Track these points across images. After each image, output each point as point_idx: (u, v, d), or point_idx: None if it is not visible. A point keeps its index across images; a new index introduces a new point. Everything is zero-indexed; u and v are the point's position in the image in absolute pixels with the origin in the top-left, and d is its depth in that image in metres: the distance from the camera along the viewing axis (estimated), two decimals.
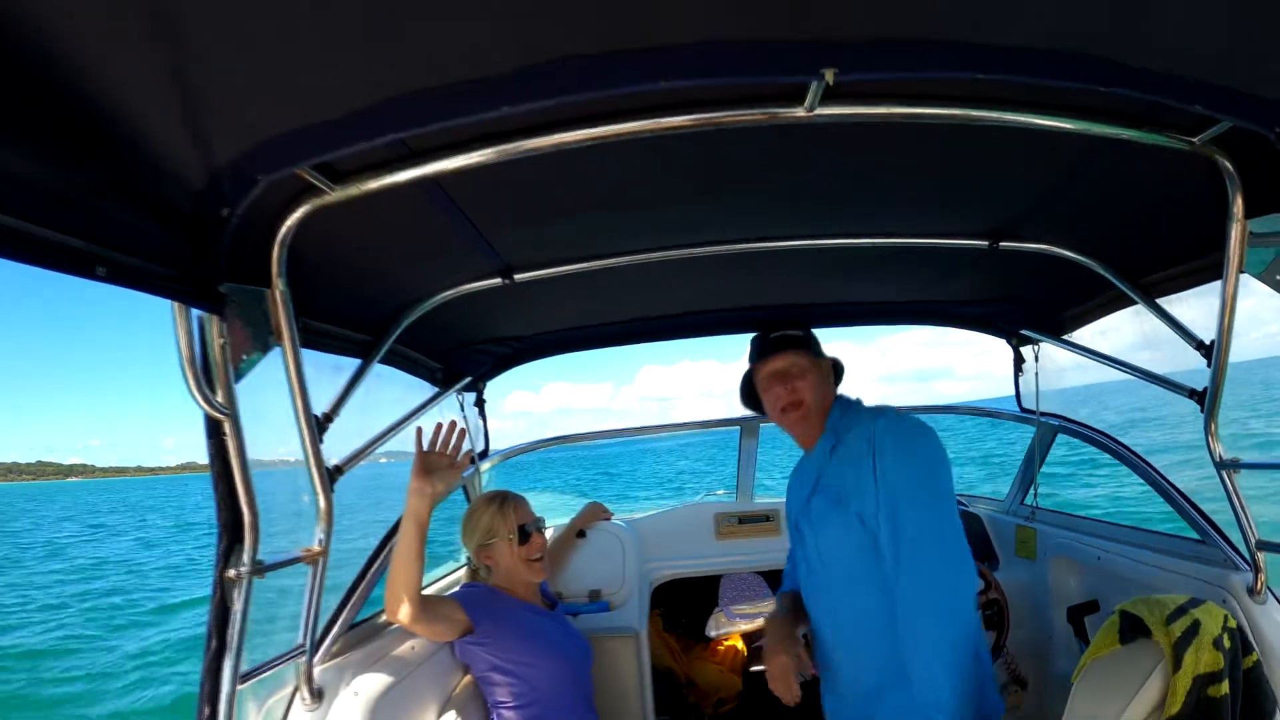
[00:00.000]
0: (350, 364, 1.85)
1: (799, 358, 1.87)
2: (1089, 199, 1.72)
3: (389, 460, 2.09)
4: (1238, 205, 1.42)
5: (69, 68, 0.84)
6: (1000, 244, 1.97)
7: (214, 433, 1.32)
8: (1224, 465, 1.77)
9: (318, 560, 1.58)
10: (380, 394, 2.00)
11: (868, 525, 1.68)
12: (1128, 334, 2.30)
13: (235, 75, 0.93)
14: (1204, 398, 1.75)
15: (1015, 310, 2.69)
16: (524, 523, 2.16)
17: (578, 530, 2.93)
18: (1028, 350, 2.85)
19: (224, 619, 1.33)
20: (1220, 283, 1.54)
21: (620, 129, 1.17)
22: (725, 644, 3.35)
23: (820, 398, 1.88)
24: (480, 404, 2.94)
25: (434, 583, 2.60)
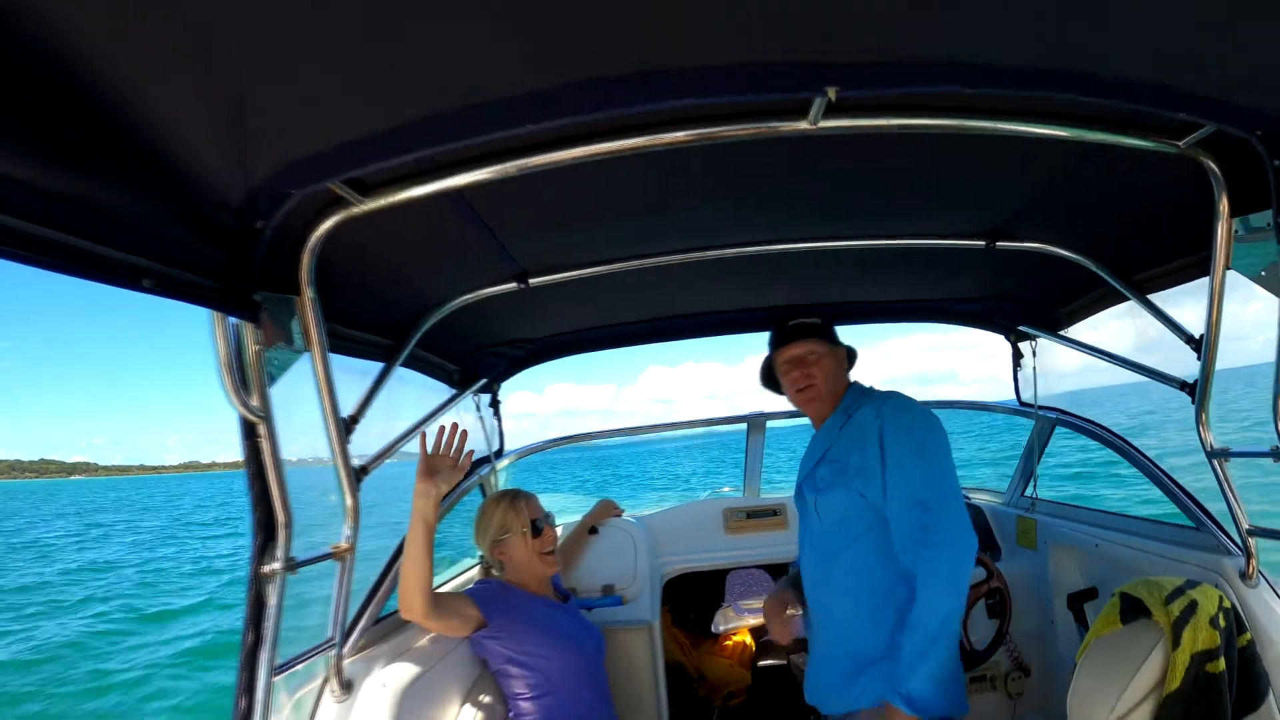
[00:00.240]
0: (370, 367, 1.91)
1: (815, 344, 1.97)
2: (1082, 199, 1.77)
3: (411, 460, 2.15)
4: (1223, 204, 1.47)
5: (124, 102, 0.90)
6: (997, 244, 2.03)
7: (249, 435, 1.37)
8: (1214, 454, 1.83)
9: (345, 556, 1.63)
10: (401, 396, 2.05)
11: (868, 496, 1.81)
12: (1123, 330, 2.37)
13: (272, 100, 0.99)
14: (1194, 390, 1.81)
15: (1013, 307, 2.75)
16: (536, 517, 2.22)
17: (590, 527, 2.99)
18: (1025, 346, 2.91)
19: (259, 613, 1.38)
20: (1208, 279, 1.59)
21: (634, 143, 1.23)
22: (734, 639, 3.39)
23: (834, 381, 1.99)
24: (495, 404, 3.01)
25: (449, 581, 2.65)
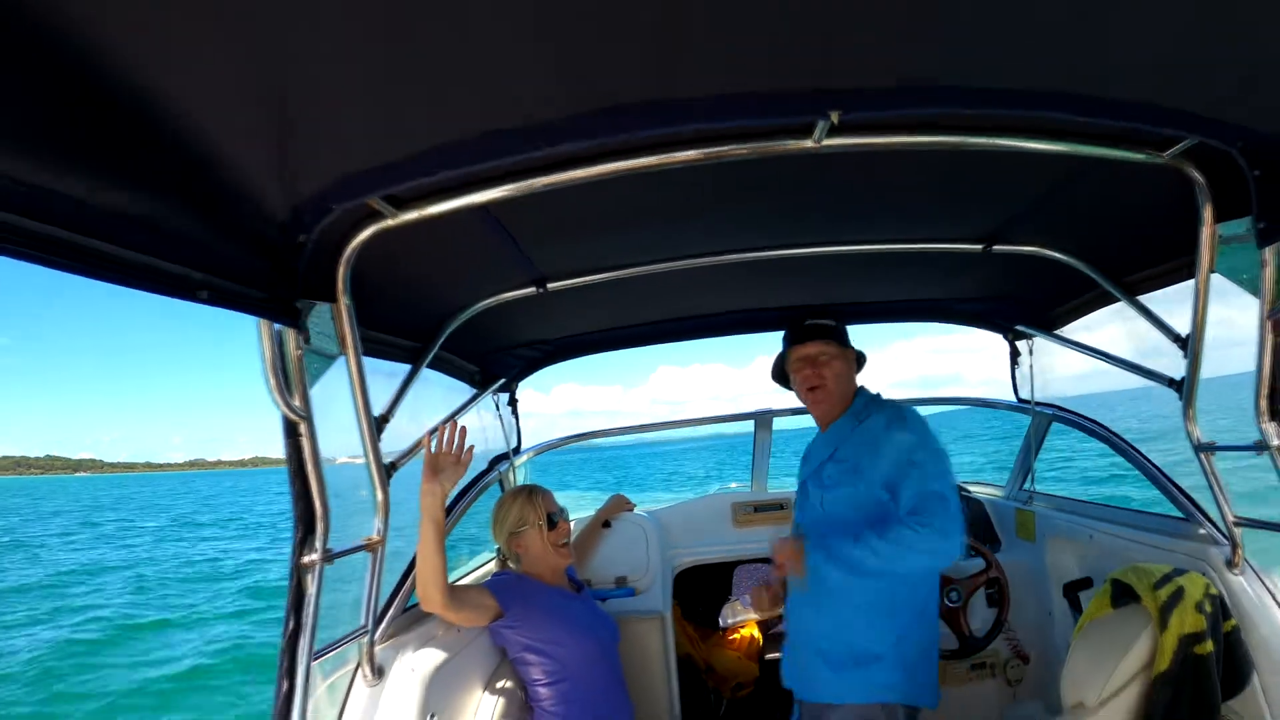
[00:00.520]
0: (396, 369, 2.01)
1: (827, 346, 2.08)
2: (1074, 206, 1.86)
3: None
4: (1208, 211, 1.55)
5: (186, 131, 1.00)
6: (994, 247, 2.12)
7: (291, 434, 1.47)
8: (1201, 448, 1.90)
9: (377, 549, 1.73)
10: (426, 396, 2.15)
11: (875, 493, 1.93)
12: (1118, 329, 2.44)
13: (319, 125, 1.08)
14: (1182, 387, 1.89)
15: (1010, 307, 2.84)
16: (551, 511, 2.31)
17: (603, 521, 3.08)
18: (1023, 345, 3.01)
19: (300, 601, 1.47)
20: (1194, 281, 1.67)
21: (649, 161, 1.32)
22: (741, 632, 3.48)
23: (843, 383, 2.09)
24: (513, 403, 3.11)
25: (468, 574, 2.75)
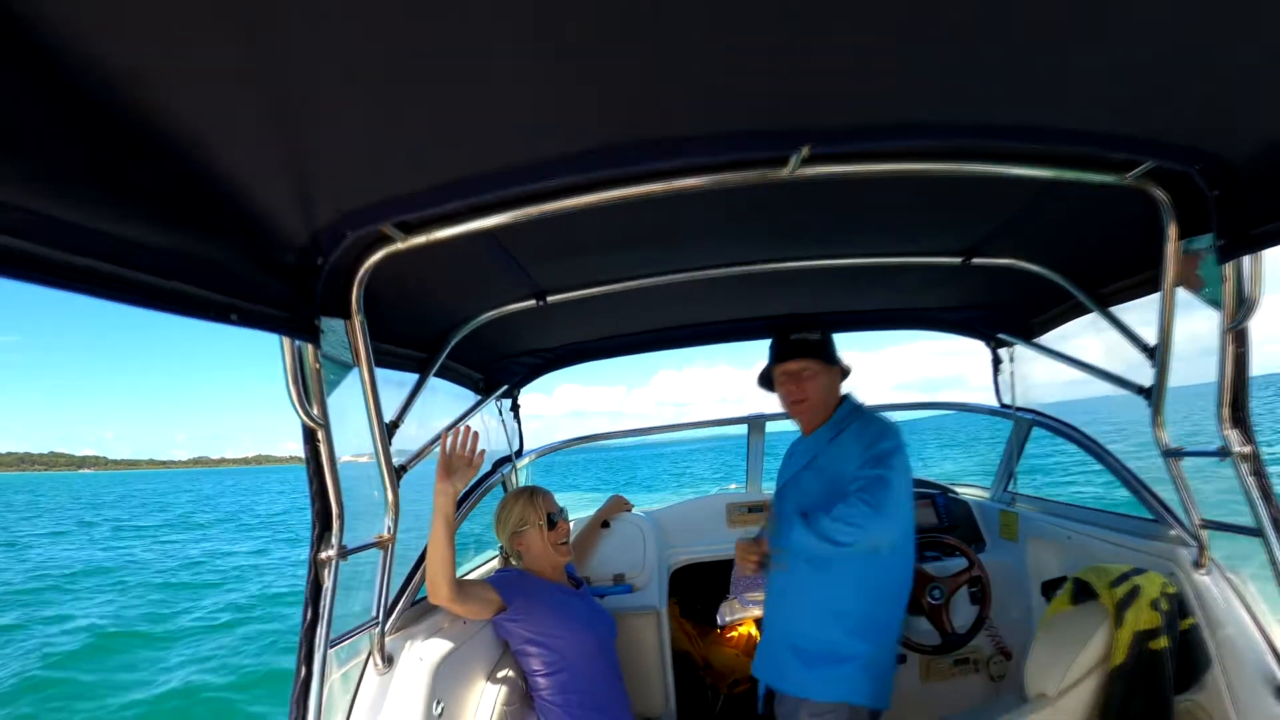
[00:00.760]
0: (406, 378, 2.14)
1: (810, 363, 2.15)
2: (1048, 222, 1.97)
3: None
4: (1172, 229, 1.66)
5: (217, 175, 1.12)
6: (973, 260, 2.23)
7: (310, 439, 1.60)
8: (1169, 453, 1.99)
9: (388, 545, 1.86)
10: (433, 403, 2.28)
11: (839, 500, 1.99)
12: (1098, 338, 2.54)
13: (338, 161, 1.21)
14: (1151, 394, 1.99)
15: (991, 316, 2.96)
16: (551, 511, 2.44)
17: (603, 521, 3.21)
18: (1004, 352, 3.12)
19: (317, 594, 1.60)
20: (1160, 294, 1.78)
21: (640, 190, 1.44)
22: (739, 630, 3.58)
23: (825, 396, 2.18)
24: (516, 408, 3.26)
25: (474, 570, 2.88)
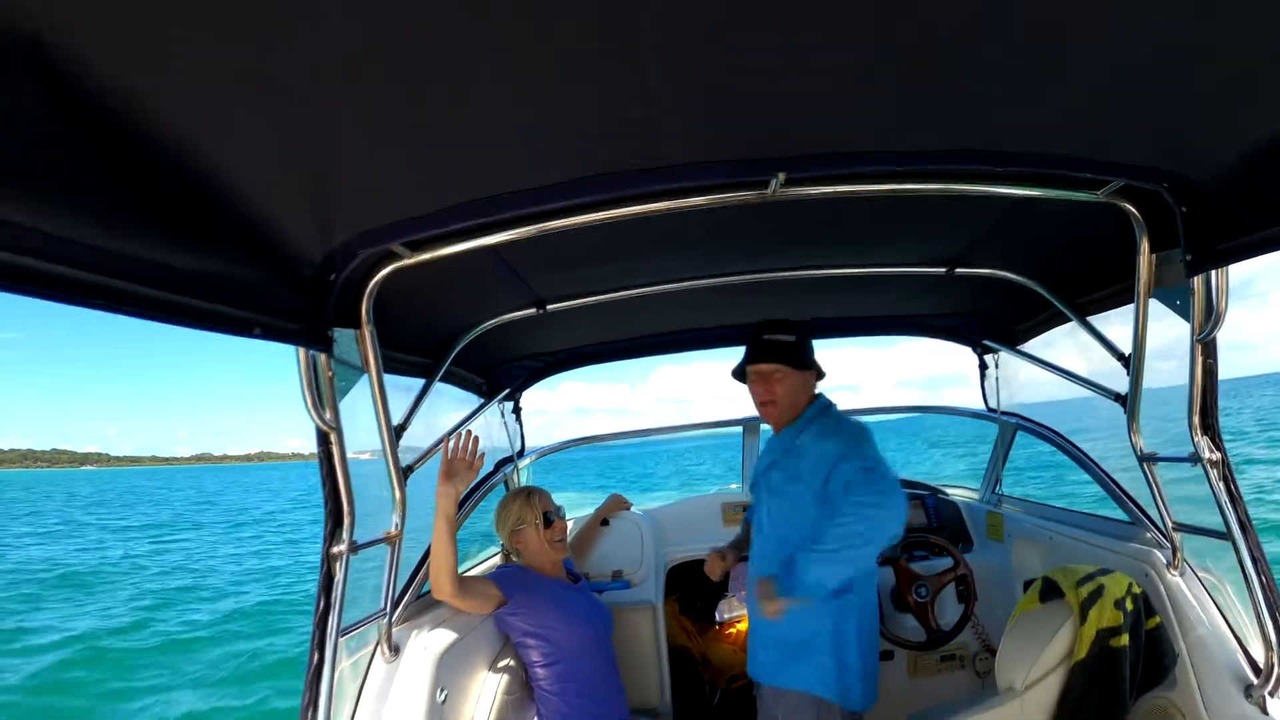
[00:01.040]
0: (413, 383, 2.25)
1: (780, 366, 2.18)
2: (1027, 233, 2.05)
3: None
4: (1144, 242, 1.73)
5: (240, 202, 1.22)
6: (956, 270, 2.33)
7: (323, 441, 1.70)
8: (1145, 458, 2.06)
9: (395, 541, 1.97)
10: (437, 406, 2.39)
11: (809, 506, 2.08)
12: (1078, 346, 2.61)
13: (352, 187, 1.31)
14: (1126, 401, 2.06)
15: (977, 323, 3.06)
16: (547, 510, 2.53)
17: (602, 519, 3.32)
18: (990, 358, 3.22)
19: (329, 585, 1.70)
20: (1134, 305, 1.84)
21: (633, 210, 1.55)
22: (736, 627, 3.67)
23: (794, 397, 2.21)
24: (517, 411, 3.38)
25: (476, 565, 3.00)
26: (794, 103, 1.17)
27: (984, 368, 3.26)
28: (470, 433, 2.22)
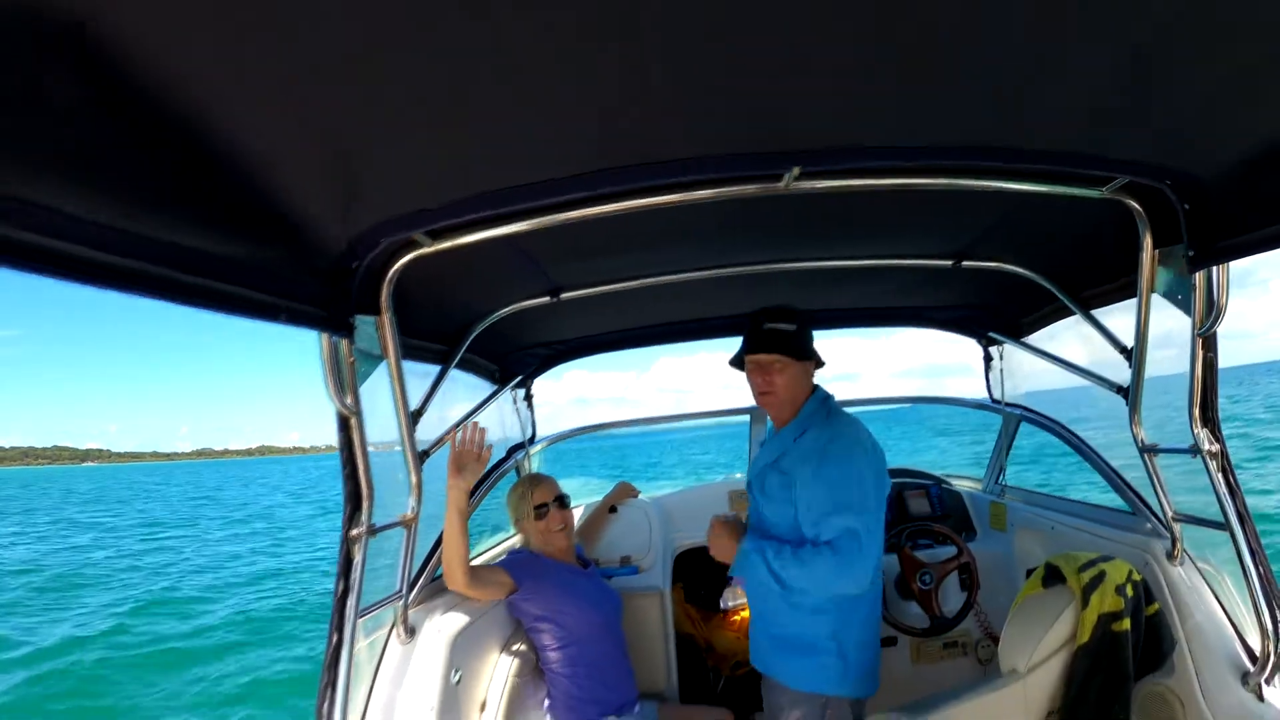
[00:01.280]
0: (426, 369, 2.28)
1: (780, 357, 2.09)
2: (1033, 228, 2.08)
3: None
4: (1147, 238, 1.76)
5: (269, 190, 1.25)
6: (963, 263, 2.36)
7: (344, 426, 1.74)
8: (1145, 449, 2.10)
9: (411, 524, 2.00)
10: (451, 392, 2.41)
11: (797, 513, 2.04)
12: (1077, 338, 2.64)
13: (375, 177, 1.34)
14: (1128, 393, 2.09)
15: (982, 315, 3.09)
16: (544, 501, 2.57)
17: (610, 506, 3.37)
18: (994, 350, 3.25)
19: (348, 567, 1.74)
20: (1137, 299, 1.87)
21: (650, 202, 1.57)
22: (740, 614, 3.72)
23: (794, 389, 2.14)
24: (529, 398, 3.43)
25: (491, 548, 3.06)
26: (804, 99, 1.20)
27: (988, 359, 3.30)
28: (476, 424, 2.24)
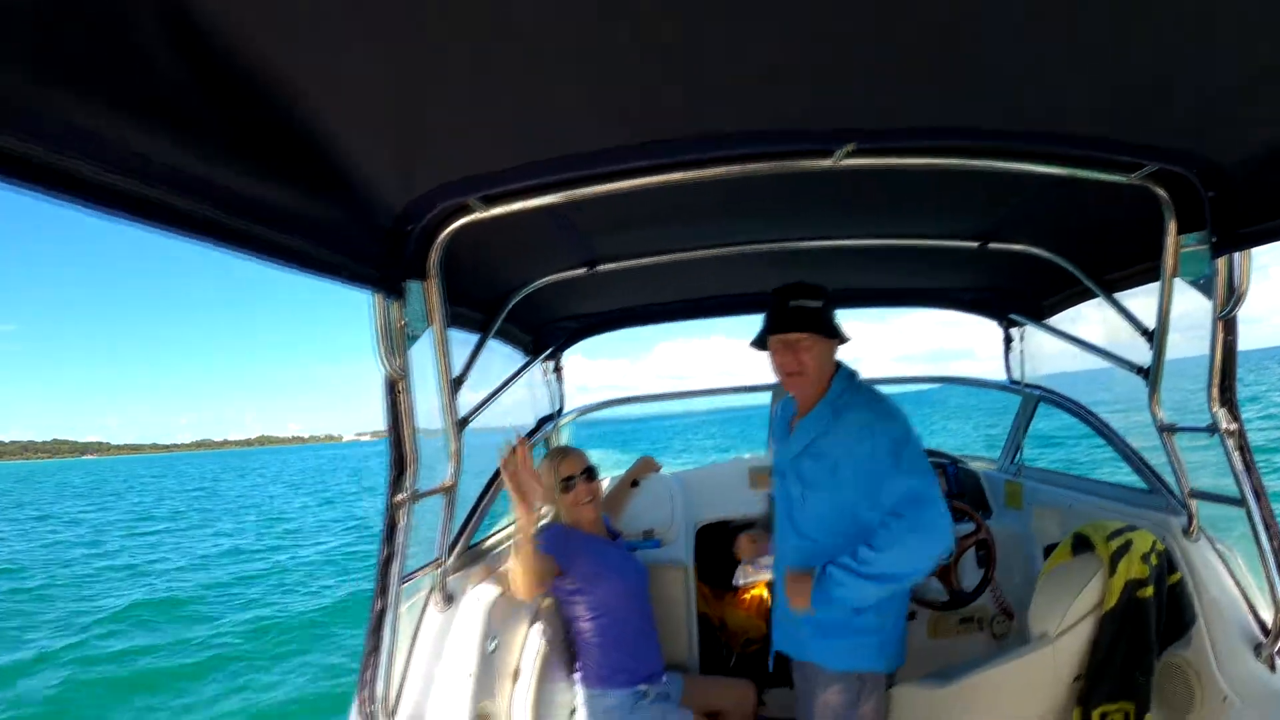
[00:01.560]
0: (464, 337, 2.28)
1: (808, 335, 2.03)
2: (1060, 212, 2.12)
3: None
4: (1172, 224, 1.80)
5: (339, 150, 1.28)
6: (989, 245, 2.39)
7: (391, 390, 1.75)
8: (1164, 429, 2.16)
9: (451, 491, 2.01)
10: (485, 361, 2.39)
11: (859, 505, 2.00)
12: (1098, 320, 2.69)
13: (438, 141, 1.37)
14: (1149, 374, 2.14)
15: (1004, 297, 3.13)
16: (570, 474, 2.58)
17: (632, 480, 3.39)
18: (1015, 331, 3.29)
19: (393, 532, 1.75)
20: (1159, 283, 1.92)
21: (699, 174, 1.60)
22: (752, 592, 3.76)
23: (823, 368, 2.08)
24: (558, 370, 3.45)
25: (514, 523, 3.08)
26: (863, 76, 1.22)
27: (1009, 341, 3.34)
28: (521, 440, 2.17)
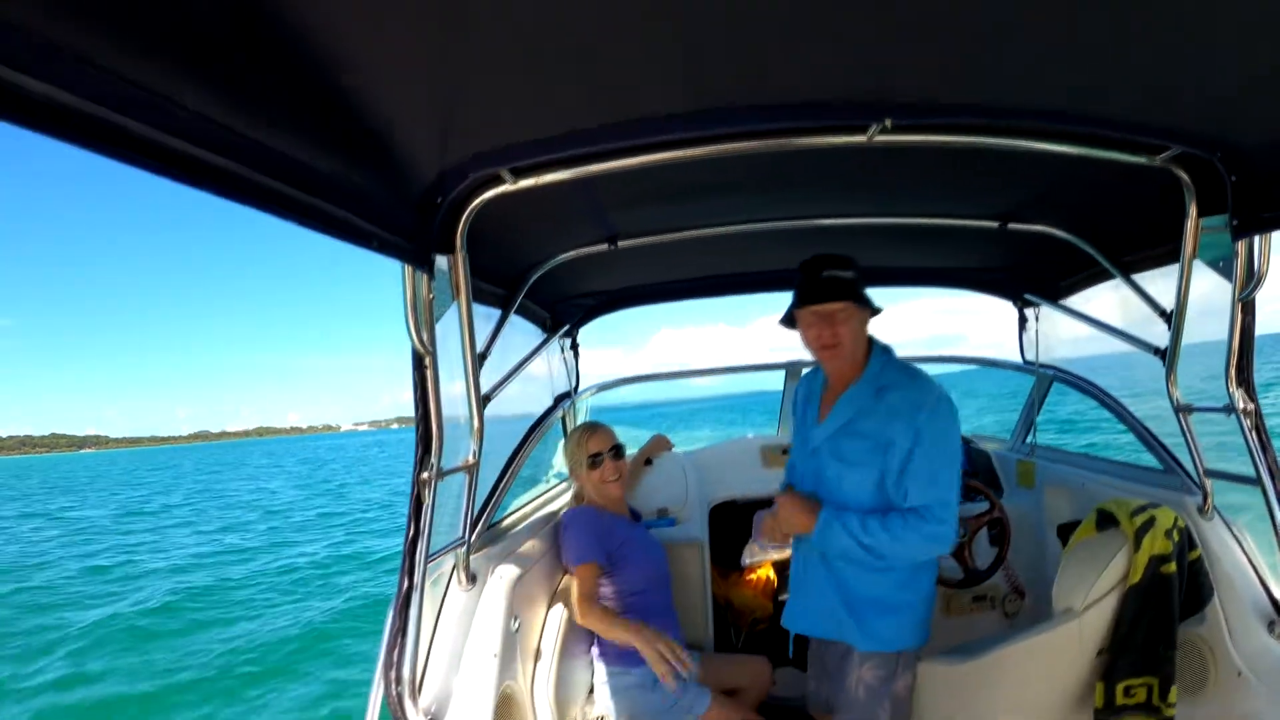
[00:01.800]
0: (486, 312, 2.26)
1: (845, 304, 1.94)
2: (1080, 193, 2.12)
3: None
4: (1193, 207, 1.80)
5: (377, 118, 1.26)
6: (1009, 225, 2.39)
7: (418, 365, 1.73)
8: (1180, 409, 2.17)
9: (474, 469, 1.98)
10: (505, 337, 2.37)
11: (889, 474, 1.94)
12: (1114, 301, 2.69)
13: (472, 109, 1.35)
14: (1165, 355, 2.16)
15: (1020, 277, 3.14)
16: (598, 451, 2.58)
17: (645, 458, 3.40)
18: (1030, 311, 3.30)
19: (419, 510, 1.73)
20: (1179, 265, 1.92)
21: (730, 148, 1.57)
22: (758, 572, 3.79)
23: (858, 340, 2.00)
24: (575, 347, 3.45)
25: (546, 492, 3.09)
26: (906, 51, 1.21)
27: (1024, 321, 3.35)
28: (675, 647, 2.19)
